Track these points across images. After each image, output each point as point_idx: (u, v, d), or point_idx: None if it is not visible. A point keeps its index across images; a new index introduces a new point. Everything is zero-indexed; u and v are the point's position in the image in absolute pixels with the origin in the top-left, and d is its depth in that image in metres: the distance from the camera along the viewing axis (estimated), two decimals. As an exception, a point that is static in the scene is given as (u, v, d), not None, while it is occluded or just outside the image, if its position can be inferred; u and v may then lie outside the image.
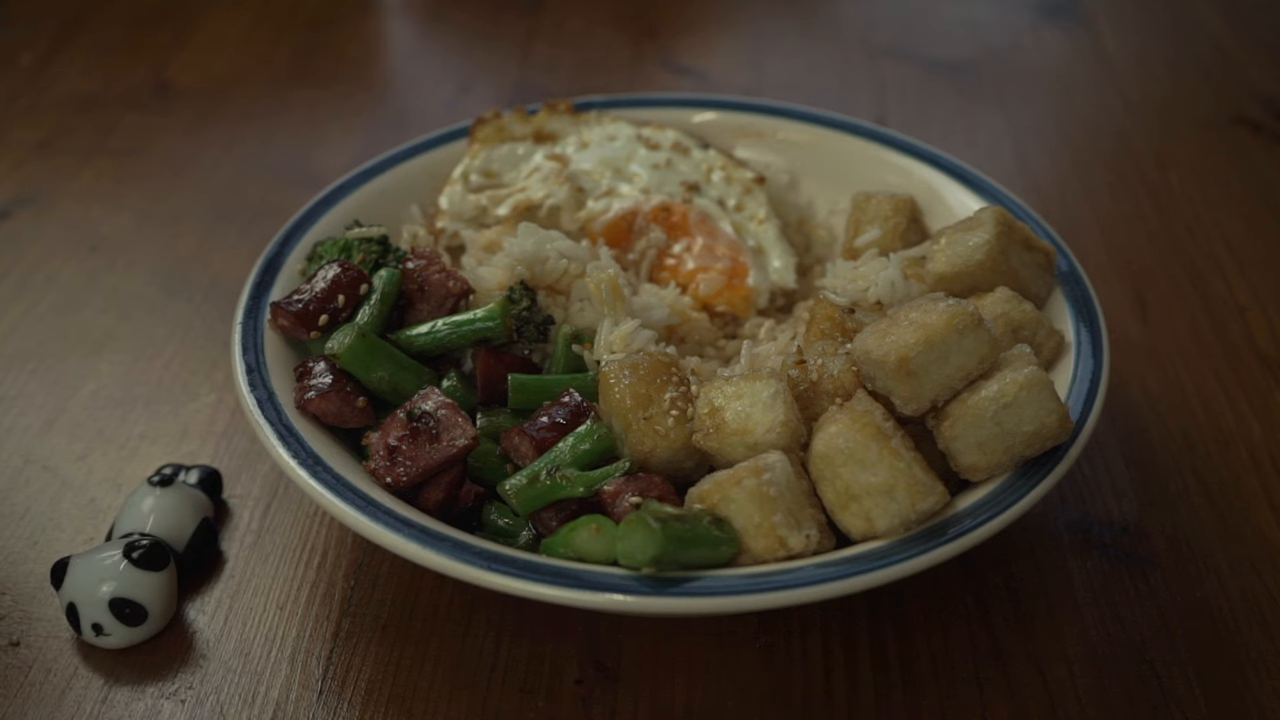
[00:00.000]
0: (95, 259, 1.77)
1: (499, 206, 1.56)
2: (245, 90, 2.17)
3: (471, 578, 1.09)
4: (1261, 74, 2.20)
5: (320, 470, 1.17)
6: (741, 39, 2.35)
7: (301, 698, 1.19)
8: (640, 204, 1.54)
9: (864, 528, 1.12)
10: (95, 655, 1.22)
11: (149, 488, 1.30)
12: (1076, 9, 2.43)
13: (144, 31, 2.32)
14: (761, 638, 1.24)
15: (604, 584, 1.08)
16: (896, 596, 1.26)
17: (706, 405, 1.18)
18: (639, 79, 2.20)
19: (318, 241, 1.45)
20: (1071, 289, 1.37)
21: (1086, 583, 1.29)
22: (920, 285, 1.36)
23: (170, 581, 1.23)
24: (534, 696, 1.19)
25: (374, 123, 2.09)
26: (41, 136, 2.03)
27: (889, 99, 2.15)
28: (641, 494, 1.15)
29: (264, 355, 1.30)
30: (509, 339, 1.32)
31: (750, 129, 1.71)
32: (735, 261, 1.50)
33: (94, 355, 1.60)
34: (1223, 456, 1.45)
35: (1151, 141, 2.03)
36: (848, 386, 1.19)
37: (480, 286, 1.37)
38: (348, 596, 1.28)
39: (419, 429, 1.20)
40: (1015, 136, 2.05)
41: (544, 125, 1.67)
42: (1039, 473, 1.16)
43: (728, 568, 1.11)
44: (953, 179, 1.56)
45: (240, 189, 1.91)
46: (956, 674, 1.20)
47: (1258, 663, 1.22)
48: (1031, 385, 1.13)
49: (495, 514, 1.23)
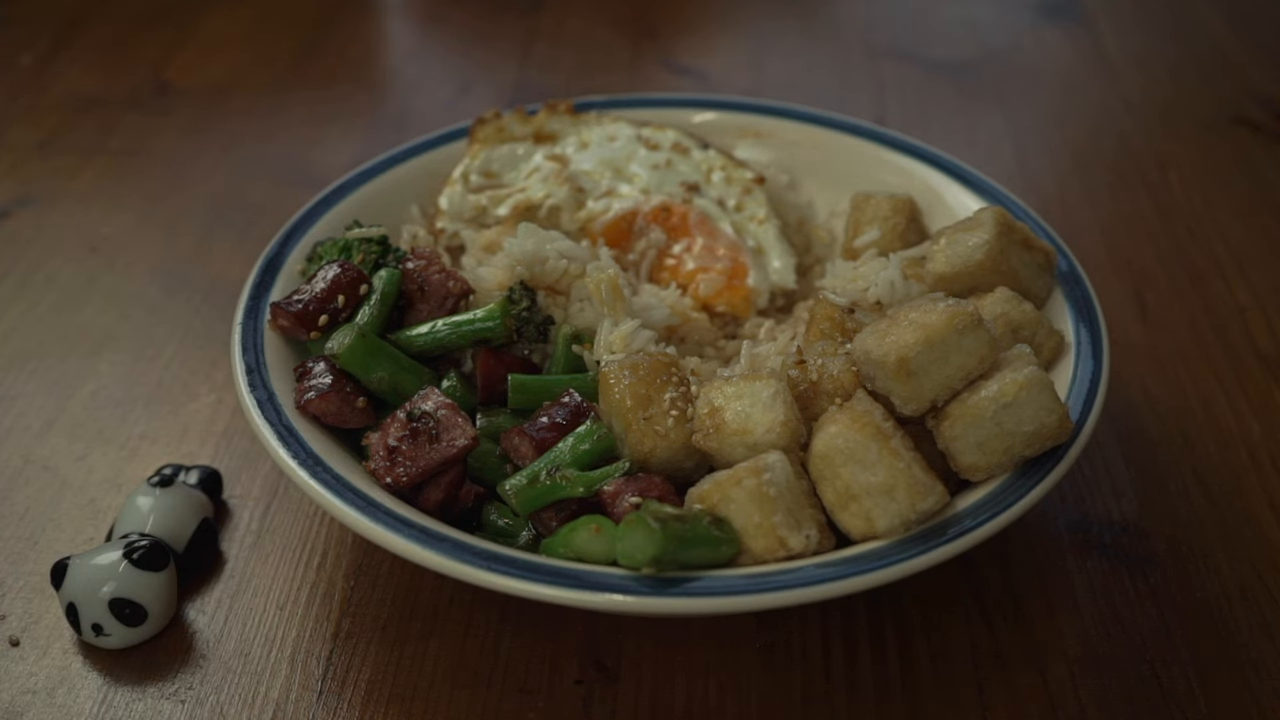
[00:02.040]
0: (95, 259, 1.77)
1: (499, 207, 1.56)
2: (245, 90, 2.17)
3: (471, 578, 1.09)
4: (1261, 74, 2.20)
5: (320, 470, 1.17)
6: (741, 39, 2.35)
7: (301, 698, 1.19)
8: (640, 204, 1.54)
9: (864, 528, 1.12)
10: (95, 655, 1.22)
11: (149, 488, 1.30)
12: (1076, 9, 2.43)
13: (144, 31, 2.32)
14: (761, 638, 1.24)
15: (604, 584, 1.08)
16: (896, 596, 1.26)
17: (706, 405, 1.18)
18: (639, 79, 2.20)
19: (318, 242, 1.45)
20: (1071, 289, 1.37)
21: (1086, 583, 1.29)
22: (920, 285, 1.36)
23: (170, 582, 1.23)
24: (534, 696, 1.19)
25: (374, 123, 2.09)
26: (41, 136, 2.03)
27: (889, 99, 2.15)
28: (641, 494, 1.15)
29: (264, 355, 1.30)
30: (509, 339, 1.32)
31: (750, 129, 1.71)
32: (735, 262, 1.50)
33: (94, 355, 1.60)
34: (1223, 456, 1.45)
35: (1151, 142, 2.03)
36: (848, 386, 1.19)
37: (480, 286, 1.37)
38: (348, 596, 1.28)
39: (419, 429, 1.20)
40: (1015, 136, 2.05)
41: (544, 125, 1.67)
42: (1039, 473, 1.16)
43: (728, 568, 1.11)
44: (952, 179, 1.57)
45: (240, 189, 1.91)
46: (956, 674, 1.20)
47: (1258, 663, 1.22)
48: (1031, 385, 1.13)
49: (495, 514, 1.23)
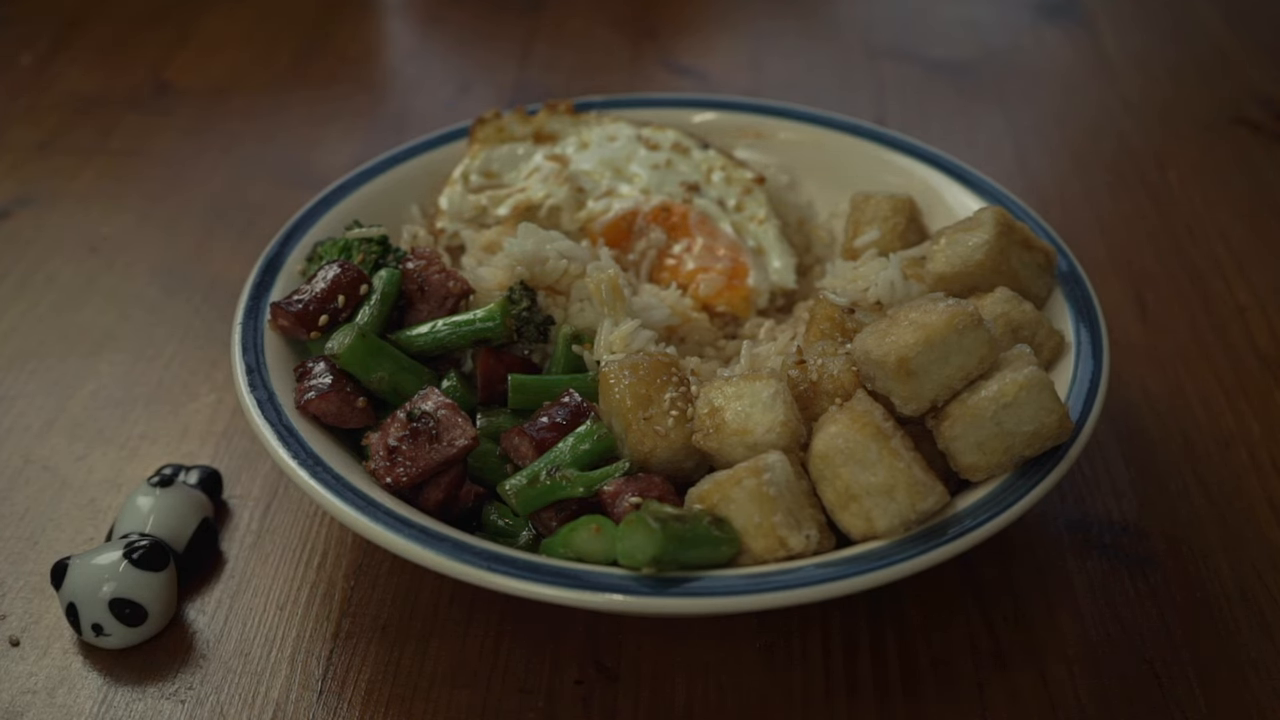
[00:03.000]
0: (95, 259, 1.77)
1: (499, 207, 1.56)
2: (245, 90, 2.17)
3: (471, 578, 1.09)
4: (1261, 74, 2.20)
5: (320, 470, 1.17)
6: (741, 39, 2.35)
7: (301, 698, 1.19)
8: (640, 204, 1.54)
9: (864, 528, 1.12)
10: (95, 655, 1.22)
11: (149, 488, 1.30)
12: (1076, 9, 2.43)
13: (144, 31, 2.32)
14: (761, 638, 1.24)
15: (604, 584, 1.08)
16: (896, 596, 1.26)
17: (706, 405, 1.18)
18: (639, 79, 2.20)
19: (318, 242, 1.45)
20: (1071, 289, 1.37)
21: (1086, 583, 1.29)
22: (920, 285, 1.36)
23: (170, 582, 1.23)
24: (534, 696, 1.19)
25: (374, 123, 2.09)
26: (41, 136, 2.03)
27: (889, 99, 2.15)
28: (641, 494, 1.15)
29: (264, 355, 1.30)
30: (509, 339, 1.32)
31: (750, 129, 1.71)
32: (735, 262, 1.50)
33: (94, 355, 1.60)
34: (1223, 457, 1.45)
35: (1151, 141, 2.03)
36: (848, 386, 1.19)
37: (480, 287, 1.37)
38: (348, 596, 1.28)
39: (419, 429, 1.20)
40: (1015, 136, 2.05)
41: (544, 125, 1.67)
42: (1039, 473, 1.16)
43: (728, 568, 1.11)
44: (952, 179, 1.57)
45: (240, 189, 1.91)
46: (956, 674, 1.20)
47: (1258, 663, 1.22)
48: (1031, 385, 1.13)
49: (495, 514, 1.23)
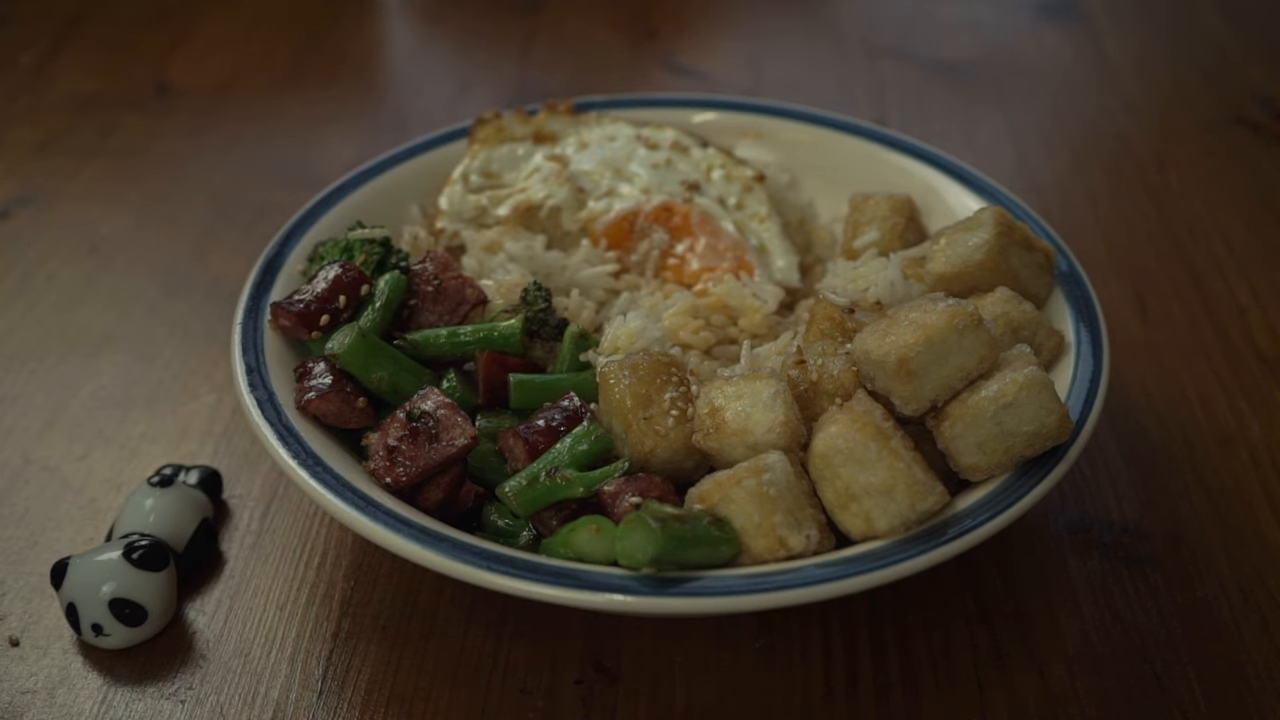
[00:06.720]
0: (95, 259, 1.77)
1: (499, 207, 1.56)
2: (245, 90, 2.17)
3: (471, 578, 1.09)
4: (1261, 74, 2.20)
5: (320, 470, 1.17)
6: (741, 39, 2.35)
7: (301, 698, 1.19)
8: (641, 204, 1.54)
9: (864, 528, 1.12)
10: (95, 655, 1.22)
11: (149, 488, 1.30)
12: (1076, 9, 2.43)
13: (144, 31, 2.32)
14: (761, 638, 1.24)
15: (604, 584, 1.08)
16: (896, 596, 1.26)
17: (706, 405, 1.18)
18: (639, 79, 2.20)
19: (319, 242, 1.45)
20: (1071, 289, 1.37)
21: (1086, 583, 1.29)
22: (920, 285, 1.36)
23: (170, 582, 1.23)
24: (534, 696, 1.19)
25: (374, 123, 2.09)
26: (41, 136, 2.03)
27: (889, 99, 2.15)
28: (641, 494, 1.15)
29: (264, 355, 1.30)
30: (522, 351, 1.32)
31: (750, 129, 1.71)
32: (739, 261, 1.50)
33: (94, 355, 1.60)
34: (1223, 456, 1.45)
35: (1151, 142, 2.03)
36: (848, 386, 1.19)
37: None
38: (348, 596, 1.28)
39: (418, 429, 1.20)
40: (1015, 137, 2.05)
41: (544, 126, 1.67)
42: (1039, 473, 1.16)
43: (728, 568, 1.11)
44: (952, 179, 1.56)
45: (240, 189, 1.91)
46: (956, 674, 1.20)
47: (1258, 663, 1.22)
48: (1031, 385, 1.13)
49: (495, 514, 1.23)
